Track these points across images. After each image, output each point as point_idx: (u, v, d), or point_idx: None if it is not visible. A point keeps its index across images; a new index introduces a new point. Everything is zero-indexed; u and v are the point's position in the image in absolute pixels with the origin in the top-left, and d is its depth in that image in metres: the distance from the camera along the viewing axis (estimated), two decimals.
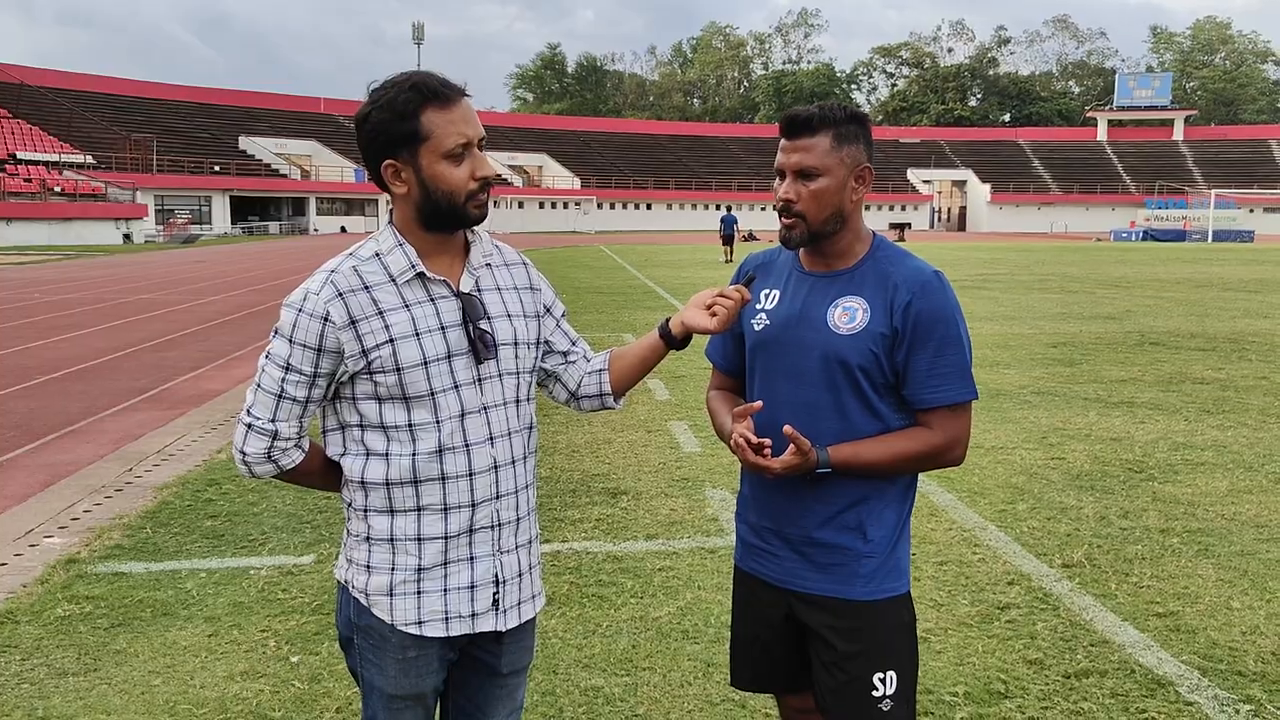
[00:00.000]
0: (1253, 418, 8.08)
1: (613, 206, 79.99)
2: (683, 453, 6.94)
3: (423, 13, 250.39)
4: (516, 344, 2.03)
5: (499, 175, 1.94)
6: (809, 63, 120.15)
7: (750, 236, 59.95)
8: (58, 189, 50.27)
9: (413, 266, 1.93)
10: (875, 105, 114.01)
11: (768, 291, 2.25)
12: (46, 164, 53.12)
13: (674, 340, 2.17)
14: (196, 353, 12.19)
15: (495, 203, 72.88)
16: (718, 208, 38.08)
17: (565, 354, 2.20)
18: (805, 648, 2.25)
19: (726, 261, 32.17)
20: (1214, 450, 6.98)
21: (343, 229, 69.07)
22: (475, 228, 2.01)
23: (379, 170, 1.92)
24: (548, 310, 2.16)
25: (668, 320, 2.17)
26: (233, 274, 26.85)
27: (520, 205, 74.10)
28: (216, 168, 63.80)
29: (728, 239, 33.80)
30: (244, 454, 1.97)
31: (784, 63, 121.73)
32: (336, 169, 71.97)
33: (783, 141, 2.14)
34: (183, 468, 6.65)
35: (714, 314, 2.11)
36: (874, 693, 2.14)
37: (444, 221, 1.93)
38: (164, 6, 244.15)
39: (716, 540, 5.12)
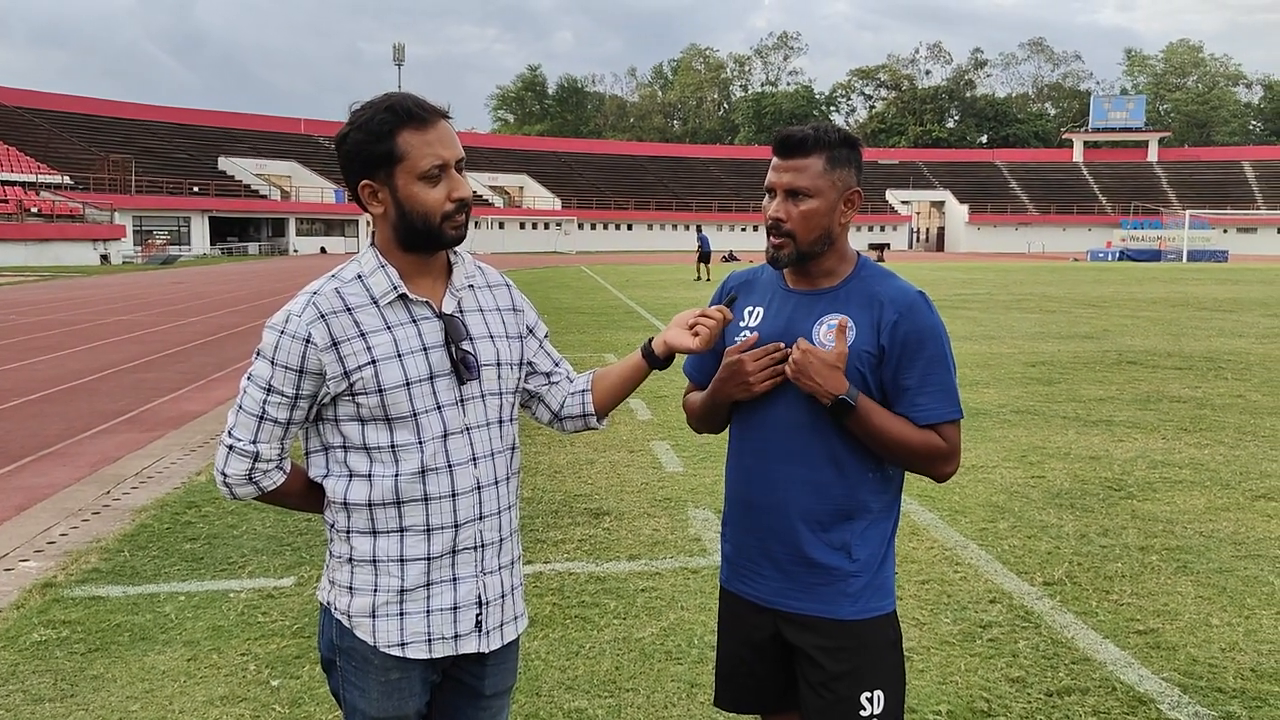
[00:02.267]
0: (1229, 435, 8.15)
1: (593, 227, 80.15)
2: (665, 473, 6.94)
3: (401, 34, 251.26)
4: (499, 365, 2.03)
5: (478, 196, 1.95)
6: (788, 84, 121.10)
7: (730, 257, 60.22)
8: (35, 210, 49.96)
9: (395, 288, 1.93)
10: (854, 127, 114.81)
11: (751, 309, 2.25)
12: (23, 184, 52.79)
13: (656, 360, 2.18)
14: (175, 374, 12.11)
15: (476, 223, 72.67)
16: (699, 229, 38.36)
17: (548, 375, 2.20)
18: (791, 668, 2.24)
19: (699, 280, 32.47)
20: (1191, 468, 7.04)
21: (323, 250, 68.86)
22: (457, 249, 2.01)
23: (357, 190, 1.93)
24: (530, 331, 2.17)
25: (650, 340, 2.18)
26: (212, 295, 26.71)
27: (501, 226, 74.12)
28: (195, 188, 63.57)
29: (704, 257, 34.07)
30: (225, 475, 1.96)
31: (763, 84, 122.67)
32: (316, 189, 71.83)
33: (775, 160, 2.14)
34: (161, 490, 6.60)
35: (696, 334, 2.12)
36: (862, 712, 2.13)
37: (421, 242, 1.94)
38: (139, 27, 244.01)
39: (699, 560, 5.11)
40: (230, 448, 1.95)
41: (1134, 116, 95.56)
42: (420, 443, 1.93)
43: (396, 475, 1.92)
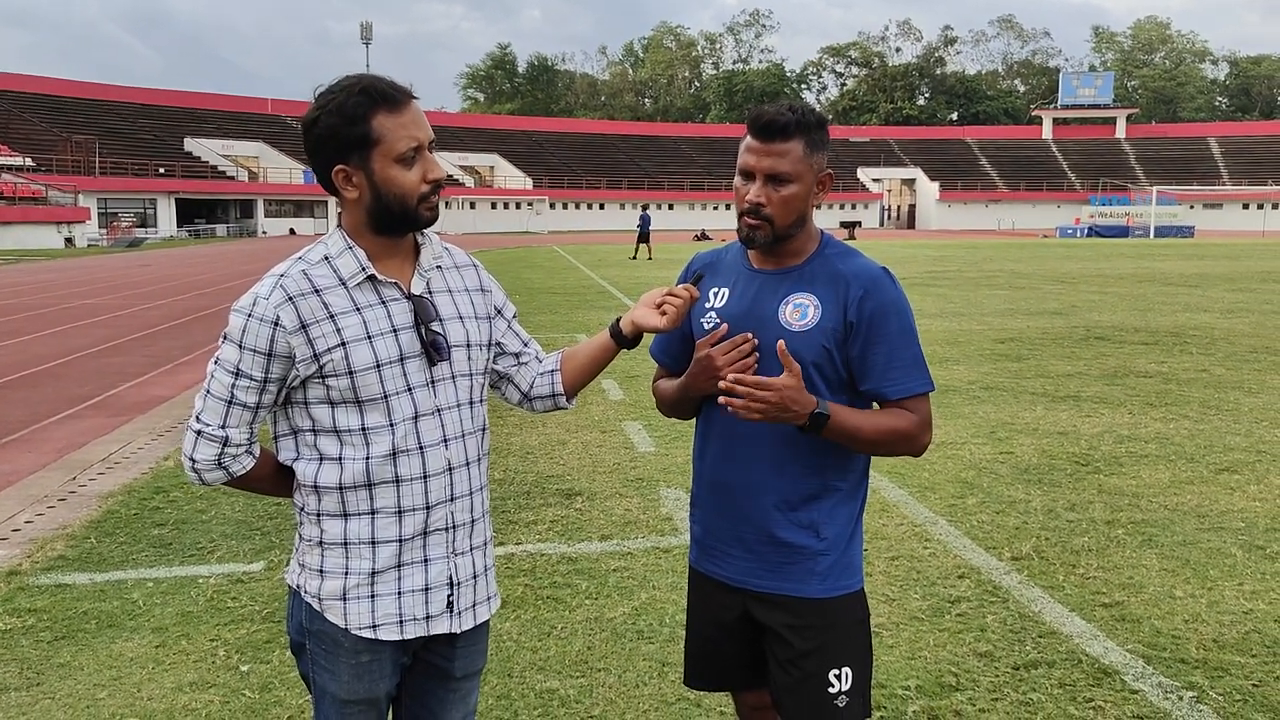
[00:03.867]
0: (1193, 410, 8.26)
1: (565, 207, 79.82)
2: (637, 453, 6.95)
3: (368, 12, 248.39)
4: (469, 346, 2.03)
5: (450, 176, 1.93)
6: (760, 62, 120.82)
7: (703, 235, 60.16)
8: None
9: (363, 269, 1.92)
10: (825, 105, 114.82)
11: (717, 290, 2.25)
12: None
13: (624, 339, 2.18)
14: (142, 358, 11.98)
15: (447, 203, 72.35)
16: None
17: (517, 355, 2.20)
18: (760, 646, 2.26)
19: (635, 259, 32.87)
20: (1157, 442, 7.12)
21: (291, 231, 68.19)
22: (425, 230, 2.00)
23: (329, 175, 1.90)
24: (499, 312, 2.16)
25: (618, 320, 2.18)
26: (179, 278, 26.40)
27: (472, 206, 73.66)
28: (161, 170, 62.70)
29: (644, 237, 34.56)
30: (194, 461, 1.95)
31: (734, 62, 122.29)
32: (285, 170, 71.03)
33: (753, 142, 2.12)
34: (128, 476, 6.53)
35: (664, 312, 2.12)
36: (830, 689, 2.16)
37: (395, 224, 1.92)
38: (100, 5, 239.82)
39: (671, 540, 5.13)
40: (198, 433, 1.93)
41: (1102, 93, 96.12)
42: (391, 424, 1.92)
43: (368, 458, 1.92)
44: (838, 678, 2.16)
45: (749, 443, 2.16)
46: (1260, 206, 77.25)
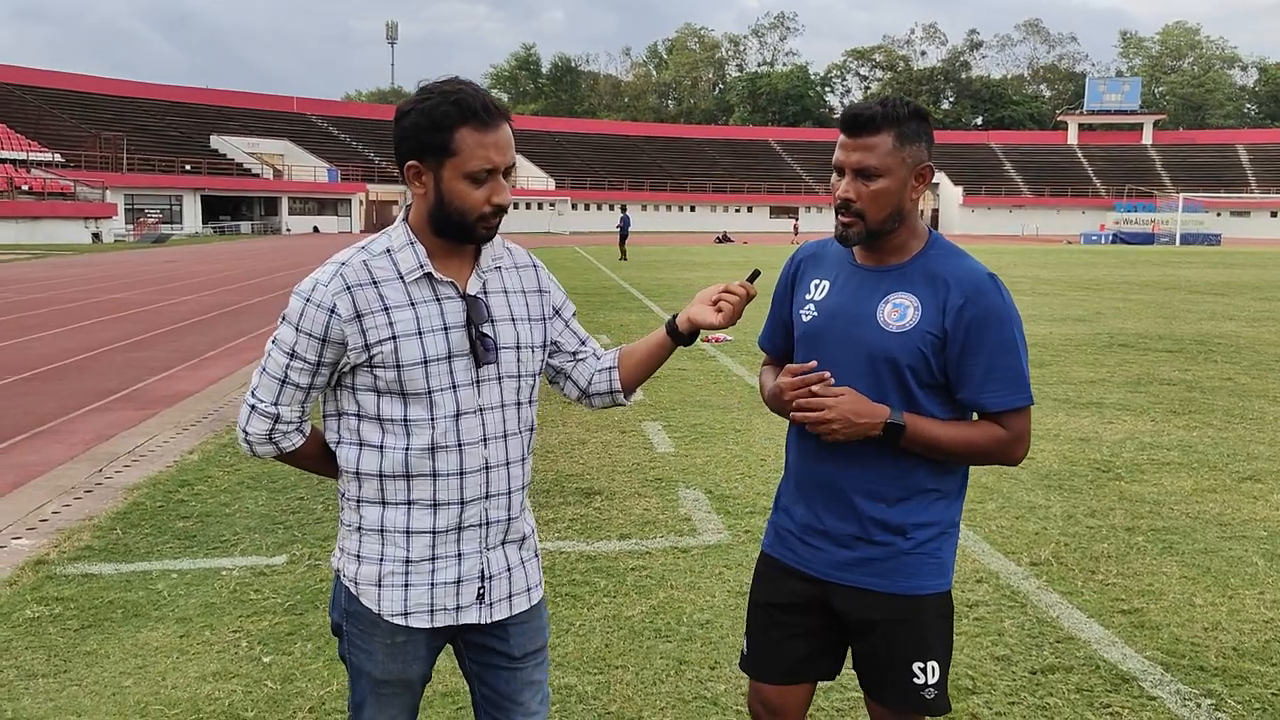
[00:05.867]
0: (1218, 418, 8.20)
1: (587, 208, 79.94)
2: (656, 453, 6.97)
3: (391, 11, 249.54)
4: (519, 348, 2.05)
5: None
6: (784, 65, 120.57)
7: (724, 238, 60.12)
8: (26, 188, 49.70)
9: (421, 266, 1.96)
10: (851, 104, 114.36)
11: (818, 282, 2.25)
12: (14, 162, 52.48)
13: (680, 336, 2.20)
14: (168, 353, 12.10)
15: None
16: (692, 209, 39.05)
17: (574, 353, 2.23)
18: (823, 640, 2.28)
19: (626, 260, 33.37)
20: (1180, 450, 7.08)
21: (315, 229, 68.66)
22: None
23: (403, 166, 1.94)
24: (556, 312, 2.19)
25: (674, 317, 2.20)
26: (204, 274, 26.63)
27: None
28: (187, 166, 63.26)
29: (623, 238, 35.43)
30: (246, 434, 2.01)
31: (759, 65, 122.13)
32: (309, 168, 71.54)
33: (843, 138, 2.10)
34: (154, 468, 6.61)
35: (719, 309, 2.14)
36: (914, 680, 2.19)
37: (452, 233, 1.96)
38: (122, 3, 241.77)
39: (689, 540, 5.15)
40: (252, 408, 1.99)
41: (1129, 99, 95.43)
42: (432, 419, 1.95)
43: (407, 449, 1.96)
44: (923, 670, 2.19)
45: (842, 441, 2.15)
46: None
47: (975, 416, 2.17)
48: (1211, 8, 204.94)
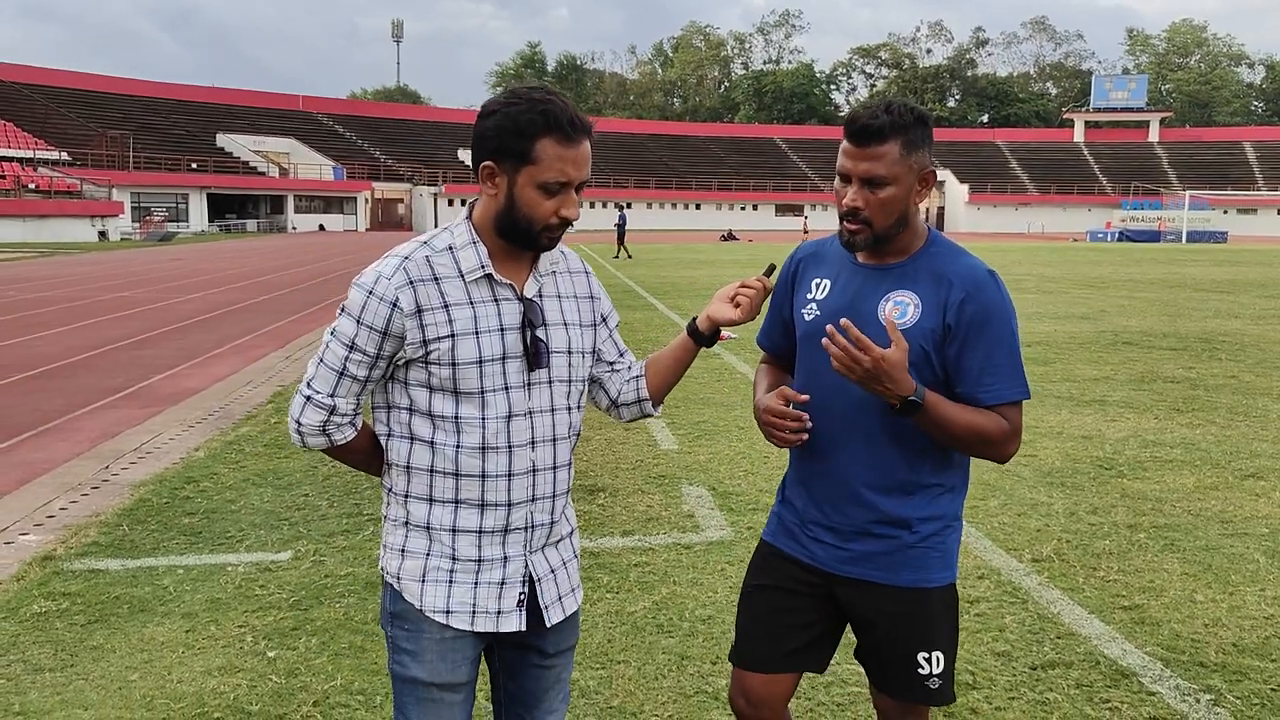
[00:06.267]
0: (1221, 416, 8.21)
1: (592, 205, 79.82)
2: (659, 450, 6.99)
3: (397, 9, 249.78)
4: (570, 353, 2.06)
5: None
6: (789, 63, 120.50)
7: (730, 236, 60.11)
8: (32, 186, 49.84)
9: (482, 266, 1.97)
10: (854, 106, 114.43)
11: (819, 281, 2.27)
12: (20, 160, 52.63)
13: (703, 337, 2.21)
14: (173, 351, 12.15)
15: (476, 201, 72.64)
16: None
17: (612, 364, 2.24)
18: (817, 631, 2.30)
19: (629, 258, 33.65)
20: (1183, 448, 7.09)
21: (321, 227, 68.78)
22: None
23: (478, 165, 1.96)
24: (603, 320, 2.20)
25: (694, 319, 2.21)
26: (210, 272, 26.71)
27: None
28: (194, 165, 63.41)
29: (620, 237, 35.78)
30: (299, 424, 2.01)
31: (764, 63, 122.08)
32: (315, 166, 71.62)
33: (849, 145, 2.11)
34: (159, 465, 6.65)
35: (738, 305, 2.16)
36: (919, 670, 2.22)
37: (516, 237, 1.97)
38: (127, 1, 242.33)
39: (692, 536, 5.17)
40: (308, 399, 2.00)
41: (1135, 96, 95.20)
42: (483, 419, 1.96)
43: (458, 446, 1.96)
44: (927, 660, 2.22)
45: (844, 435, 2.18)
46: None
47: None
48: (1218, 5, 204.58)
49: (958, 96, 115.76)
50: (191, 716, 3.36)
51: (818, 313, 2.23)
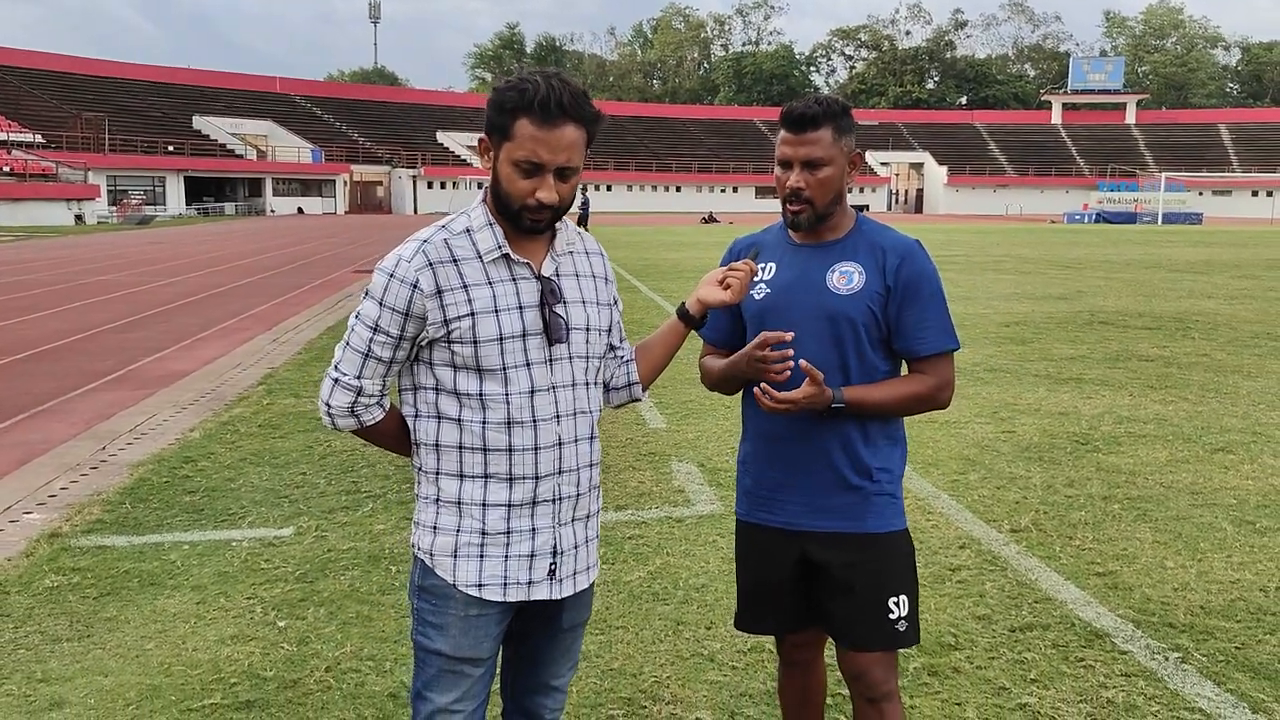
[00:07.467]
0: (1193, 393, 8.44)
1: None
2: (649, 429, 7.15)
3: None
4: (588, 329, 2.13)
5: (456, 156, 2.06)
6: (769, 44, 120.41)
7: (711, 218, 60.17)
8: (6, 169, 49.34)
9: (499, 247, 2.05)
10: (834, 88, 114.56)
11: (764, 265, 2.47)
12: None
13: (693, 320, 2.34)
14: (160, 334, 12.20)
15: (455, 184, 72.49)
16: (678, 190, 39.21)
17: (614, 349, 2.32)
18: (810, 588, 2.47)
19: None
20: (1155, 423, 7.31)
21: (300, 210, 68.39)
22: (562, 217, 2.13)
23: (481, 139, 2.08)
24: (615, 303, 2.29)
25: (684, 303, 2.34)
26: (191, 255, 26.62)
27: (480, 186, 73.52)
28: (170, 148, 62.89)
29: (583, 219, 35.74)
30: (329, 406, 2.10)
31: (744, 44, 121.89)
32: (293, 149, 71.17)
33: (787, 134, 2.35)
34: (156, 446, 6.75)
35: (727, 287, 2.29)
36: (890, 615, 2.40)
37: (505, 215, 2.05)
38: None
39: (683, 510, 5.33)
40: (336, 381, 2.08)
41: (1112, 78, 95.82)
42: (507, 395, 2.03)
43: (484, 422, 2.03)
44: (896, 604, 2.41)
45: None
46: (1270, 194, 76.98)
47: (905, 369, 2.45)
48: None
49: (936, 78, 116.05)
50: (209, 682, 3.50)
51: (768, 290, 2.43)
